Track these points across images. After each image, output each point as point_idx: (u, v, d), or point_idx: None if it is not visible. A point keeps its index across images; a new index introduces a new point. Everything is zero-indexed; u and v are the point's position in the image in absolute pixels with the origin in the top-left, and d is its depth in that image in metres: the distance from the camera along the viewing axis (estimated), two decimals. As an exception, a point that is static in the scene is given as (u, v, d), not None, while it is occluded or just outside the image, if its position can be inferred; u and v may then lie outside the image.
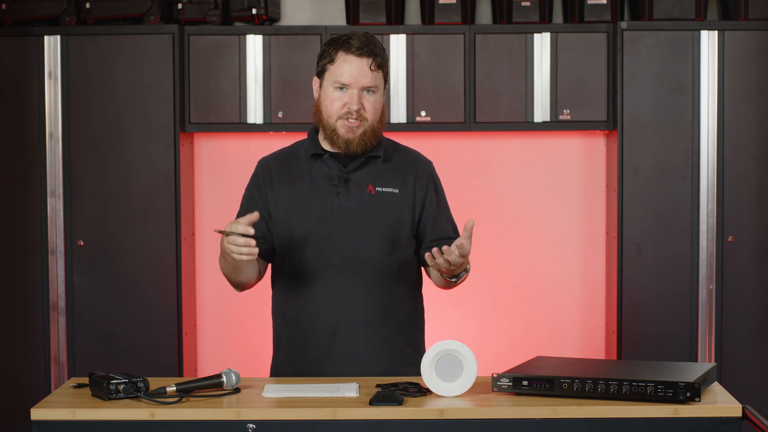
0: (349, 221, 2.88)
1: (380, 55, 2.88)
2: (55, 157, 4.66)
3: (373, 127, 2.89)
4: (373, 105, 2.88)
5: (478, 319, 4.96)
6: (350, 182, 2.90)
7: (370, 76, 2.86)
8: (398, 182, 2.93)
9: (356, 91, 2.86)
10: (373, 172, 2.93)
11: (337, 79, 2.86)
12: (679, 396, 2.42)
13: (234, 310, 4.93)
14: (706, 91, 4.62)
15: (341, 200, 2.89)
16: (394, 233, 2.90)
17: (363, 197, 2.90)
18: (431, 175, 2.99)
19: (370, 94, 2.87)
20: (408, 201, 2.93)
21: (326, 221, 2.88)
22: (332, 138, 2.89)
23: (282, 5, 5.05)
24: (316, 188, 2.91)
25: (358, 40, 2.87)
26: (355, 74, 2.85)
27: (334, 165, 2.91)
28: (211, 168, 4.95)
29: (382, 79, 2.90)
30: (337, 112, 2.87)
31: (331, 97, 2.88)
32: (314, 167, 2.93)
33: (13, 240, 4.69)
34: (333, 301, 2.88)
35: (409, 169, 2.96)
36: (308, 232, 2.88)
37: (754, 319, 4.65)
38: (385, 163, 2.94)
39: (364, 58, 2.85)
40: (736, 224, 4.64)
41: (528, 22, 4.73)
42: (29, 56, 4.64)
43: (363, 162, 2.92)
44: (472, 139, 4.91)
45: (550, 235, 4.96)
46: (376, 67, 2.86)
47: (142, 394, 2.51)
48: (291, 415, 2.42)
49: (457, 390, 2.54)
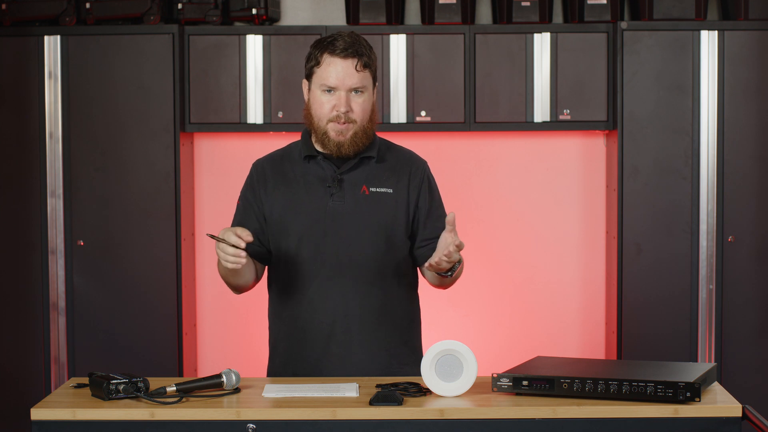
0: (344, 222, 2.88)
1: (366, 55, 2.87)
2: (55, 157, 4.66)
3: (363, 128, 2.88)
4: (361, 106, 2.87)
5: (478, 319, 4.96)
6: (344, 183, 2.90)
7: (356, 77, 2.85)
8: (392, 182, 2.93)
9: (344, 93, 2.85)
10: (367, 172, 2.92)
11: (323, 82, 2.86)
12: (679, 396, 2.42)
13: (234, 310, 4.93)
14: (706, 91, 4.62)
15: (335, 201, 2.89)
16: (388, 233, 2.90)
17: (357, 198, 2.89)
18: (425, 174, 2.98)
19: (358, 95, 2.87)
20: (402, 201, 2.93)
21: (320, 223, 2.88)
22: (324, 141, 2.89)
23: (282, 5, 5.05)
24: (310, 190, 2.91)
25: (343, 41, 2.86)
26: (341, 76, 2.84)
27: (327, 166, 2.91)
28: (211, 168, 4.95)
29: (370, 78, 2.89)
30: (326, 115, 2.86)
31: (319, 100, 2.88)
32: (308, 169, 2.93)
33: (13, 240, 4.69)
34: (328, 303, 2.88)
35: (402, 168, 2.96)
36: (302, 234, 2.88)
37: (754, 319, 4.65)
38: (378, 164, 2.94)
39: (349, 60, 2.84)
40: (736, 224, 4.64)
41: (528, 22, 4.73)
42: (29, 56, 4.64)
43: (357, 163, 2.92)
44: (472, 139, 4.91)
45: (550, 235, 4.96)
46: (362, 67, 2.85)
47: (142, 394, 2.51)
48: (291, 415, 2.42)
49: (457, 390, 2.54)
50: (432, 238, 2.92)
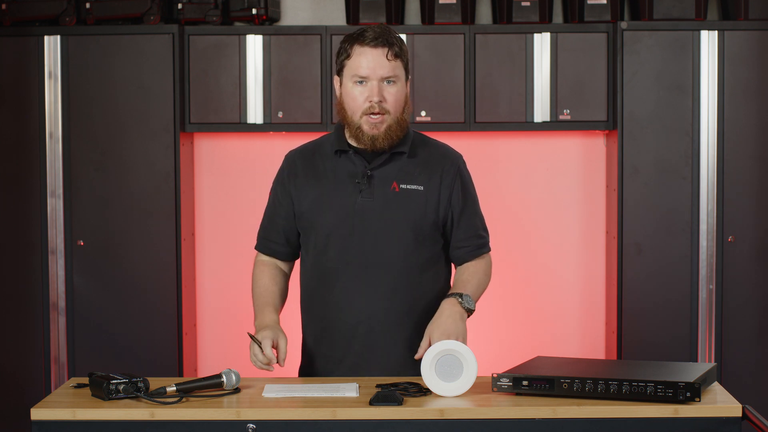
0: (371, 220, 2.84)
1: (396, 45, 2.83)
2: (55, 157, 4.66)
3: (397, 120, 2.84)
4: (394, 96, 2.83)
5: (478, 319, 4.95)
6: (374, 179, 2.86)
7: (387, 66, 2.81)
8: (424, 179, 2.88)
9: (376, 82, 2.81)
10: (398, 168, 2.87)
11: (355, 72, 2.82)
12: (679, 396, 2.42)
13: (234, 310, 4.93)
14: (706, 91, 4.62)
15: (364, 198, 2.84)
16: (417, 232, 2.85)
17: (386, 195, 2.85)
18: (458, 171, 2.93)
19: (391, 84, 2.82)
20: (433, 198, 2.88)
21: (348, 220, 2.84)
22: (358, 135, 2.84)
23: (282, 5, 5.05)
24: (340, 185, 2.87)
25: (373, 31, 2.83)
26: (372, 65, 2.80)
27: (358, 161, 2.87)
28: (211, 168, 4.95)
29: (402, 68, 2.85)
30: (360, 107, 2.82)
31: (352, 93, 2.83)
32: (339, 163, 2.89)
33: (13, 240, 4.69)
34: (353, 303, 2.84)
35: (435, 164, 2.91)
36: (330, 231, 2.85)
37: (754, 319, 4.65)
38: (410, 159, 2.89)
39: (379, 48, 2.81)
40: (736, 224, 4.64)
41: (528, 22, 4.73)
42: (29, 56, 4.64)
43: (388, 158, 2.87)
44: (472, 139, 4.91)
45: (550, 235, 4.96)
46: (393, 56, 2.82)
47: (142, 394, 2.51)
48: (291, 415, 2.42)
49: (457, 390, 2.54)
50: (467, 238, 2.91)
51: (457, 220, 2.91)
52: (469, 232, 2.92)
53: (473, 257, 2.95)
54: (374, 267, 2.83)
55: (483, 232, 2.98)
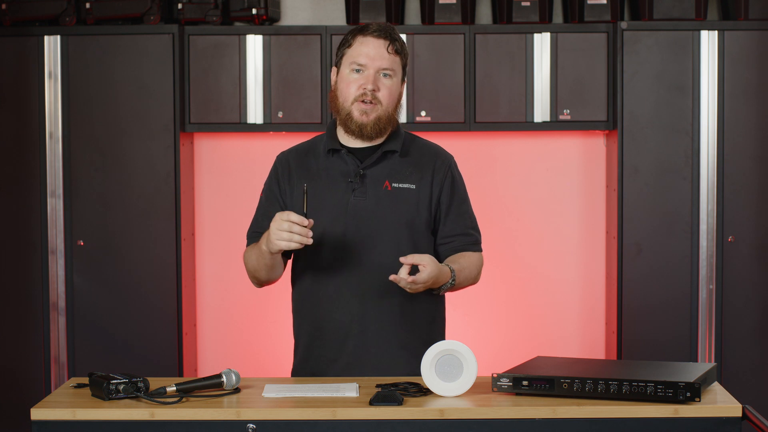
0: (365, 219, 2.85)
1: (399, 42, 2.86)
2: (55, 157, 4.66)
3: (387, 113, 2.85)
4: (389, 89, 2.84)
5: (478, 319, 4.96)
6: (366, 178, 2.87)
7: (387, 59, 2.83)
8: (415, 178, 2.89)
9: (372, 72, 2.82)
10: (390, 167, 2.89)
11: (354, 60, 2.84)
12: (679, 396, 2.42)
13: (234, 310, 4.93)
14: (706, 91, 4.62)
15: (357, 197, 2.85)
16: (410, 230, 2.86)
17: (379, 194, 2.86)
18: (450, 169, 2.95)
19: (387, 77, 2.84)
20: (425, 197, 2.89)
21: (341, 219, 2.85)
22: (346, 123, 2.85)
23: (282, 5, 5.05)
24: (332, 185, 2.87)
25: (377, 25, 2.86)
26: (372, 54, 2.82)
27: (351, 160, 2.88)
28: (211, 168, 4.95)
29: (400, 66, 2.87)
30: (353, 93, 2.83)
31: (347, 79, 2.85)
32: (331, 163, 2.90)
33: (13, 240, 4.69)
34: (347, 302, 2.85)
35: (427, 163, 2.92)
36: (323, 230, 2.84)
37: (754, 319, 4.65)
38: (402, 158, 2.91)
39: (381, 40, 2.83)
40: (736, 224, 4.64)
41: (528, 22, 4.73)
42: (29, 56, 4.64)
43: (380, 157, 2.89)
44: (472, 139, 4.91)
45: (550, 235, 4.96)
46: (394, 51, 2.84)
47: (142, 394, 2.51)
48: (291, 415, 2.42)
49: (457, 390, 2.54)
50: (452, 236, 2.90)
51: (444, 218, 2.92)
52: (457, 229, 2.92)
53: (464, 251, 2.94)
54: (367, 266, 2.84)
55: (473, 231, 2.97)
